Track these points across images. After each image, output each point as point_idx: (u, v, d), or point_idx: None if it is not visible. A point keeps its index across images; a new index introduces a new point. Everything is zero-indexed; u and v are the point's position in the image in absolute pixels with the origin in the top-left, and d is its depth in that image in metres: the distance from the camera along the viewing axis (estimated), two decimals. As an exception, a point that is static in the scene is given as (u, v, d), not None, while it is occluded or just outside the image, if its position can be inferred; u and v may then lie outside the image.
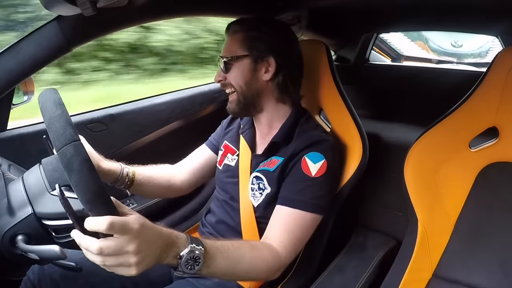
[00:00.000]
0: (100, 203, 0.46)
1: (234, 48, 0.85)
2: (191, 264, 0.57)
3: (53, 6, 0.68)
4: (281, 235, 0.74)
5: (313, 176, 0.77)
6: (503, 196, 0.79)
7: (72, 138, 0.47)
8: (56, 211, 0.63)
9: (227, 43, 0.87)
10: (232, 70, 0.85)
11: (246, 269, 0.67)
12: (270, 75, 0.85)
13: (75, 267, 0.62)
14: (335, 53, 1.66)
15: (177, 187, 1.00)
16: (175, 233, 0.58)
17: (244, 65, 0.84)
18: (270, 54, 0.84)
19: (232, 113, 0.90)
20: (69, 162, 0.45)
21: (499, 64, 0.77)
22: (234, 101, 0.87)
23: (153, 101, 1.35)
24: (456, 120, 0.83)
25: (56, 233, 0.65)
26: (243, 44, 0.84)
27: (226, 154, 0.98)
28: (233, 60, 0.85)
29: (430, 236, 0.84)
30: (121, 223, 0.46)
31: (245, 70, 0.85)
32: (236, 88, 0.86)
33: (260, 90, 0.86)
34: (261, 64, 0.85)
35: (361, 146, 0.91)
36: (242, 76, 0.85)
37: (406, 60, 2.28)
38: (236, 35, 0.85)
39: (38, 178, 0.67)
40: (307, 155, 0.79)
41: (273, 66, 0.84)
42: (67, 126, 0.48)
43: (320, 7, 1.15)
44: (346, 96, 0.97)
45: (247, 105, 0.87)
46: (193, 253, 0.56)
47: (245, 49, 0.84)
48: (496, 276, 0.76)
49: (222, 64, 0.86)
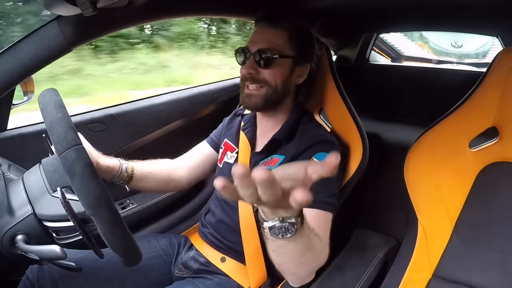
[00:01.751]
0: (103, 207, 0.46)
1: (280, 44, 0.81)
2: (284, 232, 0.46)
3: (53, 6, 0.68)
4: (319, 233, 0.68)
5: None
6: (503, 196, 0.79)
7: (74, 142, 0.47)
8: (57, 213, 0.63)
9: (269, 35, 0.81)
10: (272, 67, 0.81)
11: (315, 255, 0.60)
12: (302, 80, 0.86)
13: (75, 267, 0.62)
14: (335, 53, 1.66)
15: (177, 182, 0.99)
16: None
17: (286, 65, 0.82)
18: (309, 60, 0.85)
19: (253, 107, 0.85)
20: (71, 167, 0.45)
21: (499, 64, 0.77)
22: (262, 95, 0.83)
23: (153, 101, 1.35)
24: (456, 120, 0.83)
25: (57, 234, 0.65)
26: (290, 43, 0.82)
27: (225, 152, 0.97)
28: (278, 57, 0.80)
29: (430, 236, 0.84)
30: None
31: (285, 70, 0.83)
32: (270, 84, 0.82)
33: (288, 91, 0.86)
34: (298, 67, 0.85)
35: (361, 146, 0.91)
36: (281, 75, 0.82)
37: (406, 60, 2.28)
38: (282, 31, 0.82)
39: (39, 179, 0.67)
40: (315, 156, 0.78)
41: (307, 73, 0.85)
42: (68, 130, 0.48)
43: (320, 7, 1.15)
44: (346, 96, 0.97)
45: (273, 103, 0.85)
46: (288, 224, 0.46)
47: (291, 50, 0.82)
48: (496, 276, 0.76)
49: (258, 57, 0.80)
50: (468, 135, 0.82)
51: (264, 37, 0.81)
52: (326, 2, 1.08)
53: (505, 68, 0.76)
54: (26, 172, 0.71)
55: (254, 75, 0.81)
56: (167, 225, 1.31)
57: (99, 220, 0.47)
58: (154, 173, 0.94)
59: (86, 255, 0.84)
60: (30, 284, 0.80)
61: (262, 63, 0.80)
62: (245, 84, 0.84)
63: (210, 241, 0.94)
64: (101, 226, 0.47)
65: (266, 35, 0.82)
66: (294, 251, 0.52)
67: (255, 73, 0.81)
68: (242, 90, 0.86)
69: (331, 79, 0.98)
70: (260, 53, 0.80)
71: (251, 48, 0.82)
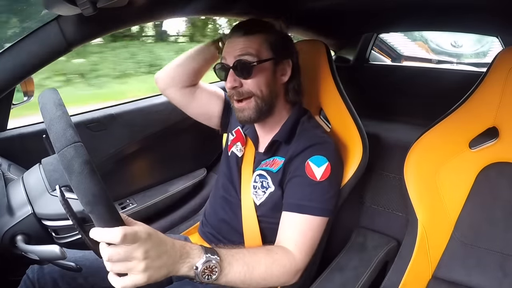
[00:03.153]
0: (101, 205, 0.46)
1: (257, 50, 0.78)
2: (208, 274, 0.58)
3: (53, 6, 0.68)
4: (295, 238, 0.73)
5: (318, 180, 0.77)
6: (503, 196, 0.79)
7: (72, 139, 0.47)
8: (56, 212, 0.63)
9: (244, 43, 0.79)
10: (253, 74, 0.79)
11: (263, 275, 0.66)
12: (287, 77, 0.84)
13: (75, 267, 0.62)
14: (335, 53, 1.66)
15: (196, 94, 0.99)
16: (189, 244, 0.59)
17: (267, 68, 0.80)
18: (288, 57, 0.84)
19: (248, 121, 0.83)
20: (69, 164, 0.45)
21: (499, 64, 0.77)
22: (252, 108, 0.81)
23: (152, 101, 1.35)
24: (456, 120, 0.83)
25: (56, 234, 0.65)
26: (267, 46, 0.80)
27: (236, 141, 0.96)
28: (257, 64, 0.78)
29: (430, 237, 0.84)
30: (133, 234, 0.48)
31: (268, 74, 0.80)
32: (256, 94, 0.80)
33: (277, 94, 0.84)
34: (279, 66, 0.83)
35: (361, 146, 0.90)
36: (265, 80, 0.80)
37: (406, 60, 2.28)
38: (257, 36, 0.80)
39: (38, 178, 0.67)
40: (310, 159, 0.78)
41: (290, 69, 0.84)
42: (67, 128, 0.48)
43: (319, 7, 1.15)
44: (346, 96, 0.97)
45: (266, 111, 0.83)
46: (209, 263, 0.58)
47: (269, 51, 0.80)
48: (496, 276, 0.76)
49: (238, 69, 0.78)
50: (468, 135, 0.82)
51: (238, 46, 0.79)
52: (326, 2, 1.08)
53: (505, 68, 0.76)
54: (26, 172, 0.71)
55: (238, 88, 0.80)
56: (167, 225, 1.31)
57: (97, 217, 0.47)
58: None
59: (86, 255, 0.84)
60: (31, 283, 0.79)
61: (242, 73, 0.79)
62: (232, 99, 0.83)
63: (211, 241, 0.93)
64: (99, 224, 0.47)
65: (240, 44, 0.79)
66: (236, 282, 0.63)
67: (239, 86, 0.80)
68: (233, 106, 0.85)
69: (331, 79, 0.98)
70: (238, 64, 0.78)
71: (228, 61, 0.80)
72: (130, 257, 0.49)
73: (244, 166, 0.91)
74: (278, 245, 0.74)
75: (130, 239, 0.48)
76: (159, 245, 0.53)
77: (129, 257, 0.49)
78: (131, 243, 0.49)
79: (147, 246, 0.50)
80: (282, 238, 0.75)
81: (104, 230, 0.48)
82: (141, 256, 0.50)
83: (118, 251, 0.48)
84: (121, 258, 0.49)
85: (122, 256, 0.48)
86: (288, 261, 0.70)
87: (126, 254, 0.49)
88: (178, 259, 0.56)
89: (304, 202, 0.76)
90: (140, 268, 0.50)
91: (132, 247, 0.49)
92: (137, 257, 0.49)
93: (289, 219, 0.76)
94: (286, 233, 0.75)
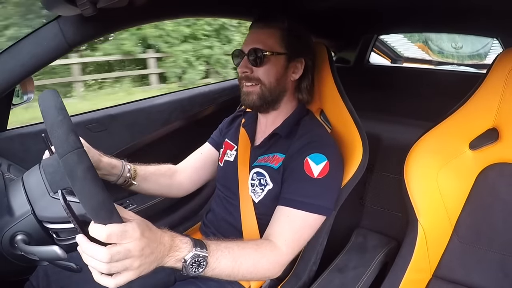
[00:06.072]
0: (104, 210, 0.46)
1: (271, 43, 0.83)
2: (195, 267, 0.59)
3: (53, 6, 0.68)
4: (284, 233, 0.74)
5: (316, 177, 0.77)
6: (503, 197, 0.79)
7: (75, 145, 0.47)
8: (57, 215, 0.63)
9: (260, 35, 0.84)
10: (264, 64, 0.83)
11: (250, 269, 0.68)
12: (298, 75, 0.87)
13: (75, 268, 0.62)
14: (335, 54, 1.66)
15: (180, 185, 1.00)
16: (179, 237, 0.60)
17: (279, 62, 0.84)
18: (303, 56, 0.86)
19: (251, 105, 0.87)
20: (72, 170, 0.45)
21: (499, 66, 0.77)
22: (257, 93, 0.85)
23: (153, 101, 1.35)
24: (456, 121, 0.83)
25: (57, 236, 0.65)
26: (281, 41, 0.84)
27: (225, 151, 0.98)
28: (269, 55, 0.83)
29: (430, 237, 0.83)
30: (120, 231, 0.48)
31: (278, 67, 0.84)
32: (263, 82, 0.84)
33: (285, 89, 0.87)
34: (292, 63, 0.86)
35: (361, 146, 0.90)
36: (275, 73, 0.84)
37: (406, 62, 2.29)
38: (273, 30, 0.84)
39: (39, 180, 0.67)
40: (309, 156, 0.78)
41: (302, 67, 0.86)
42: (69, 133, 0.48)
43: (320, 9, 1.15)
44: (346, 97, 0.97)
45: (270, 101, 0.86)
46: (197, 257, 0.59)
47: (283, 47, 0.84)
48: (496, 276, 0.77)
49: (252, 56, 0.83)
50: (468, 136, 0.82)
51: (256, 38, 0.84)
52: (326, 3, 1.08)
53: (505, 70, 0.76)
54: (26, 172, 0.71)
55: (248, 74, 0.84)
56: (167, 226, 1.31)
57: (101, 223, 0.47)
58: (157, 174, 0.94)
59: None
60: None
61: (254, 62, 0.83)
62: (242, 83, 0.87)
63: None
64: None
65: (258, 36, 0.84)
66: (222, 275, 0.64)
67: (249, 72, 0.84)
68: (241, 90, 0.88)
69: (331, 80, 0.98)
70: (252, 52, 0.83)
71: (244, 49, 0.85)
72: (129, 255, 0.49)
73: (240, 165, 0.91)
74: (267, 238, 0.75)
75: (119, 236, 0.49)
76: (153, 241, 0.54)
77: (128, 255, 0.49)
78: (121, 240, 0.49)
79: (142, 244, 0.51)
80: (272, 231, 0.76)
81: (94, 226, 0.48)
82: (138, 254, 0.50)
83: (118, 250, 0.48)
84: (121, 257, 0.49)
85: (122, 255, 0.49)
86: (275, 257, 0.72)
87: (125, 252, 0.49)
88: (168, 252, 0.57)
89: (299, 197, 0.76)
90: (135, 265, 0.50)
91: (127, 245, 0.49)
92: (134, 255, 0.50)
93: (282, 213, 0.77)
94: (277, 227, 0.76)
